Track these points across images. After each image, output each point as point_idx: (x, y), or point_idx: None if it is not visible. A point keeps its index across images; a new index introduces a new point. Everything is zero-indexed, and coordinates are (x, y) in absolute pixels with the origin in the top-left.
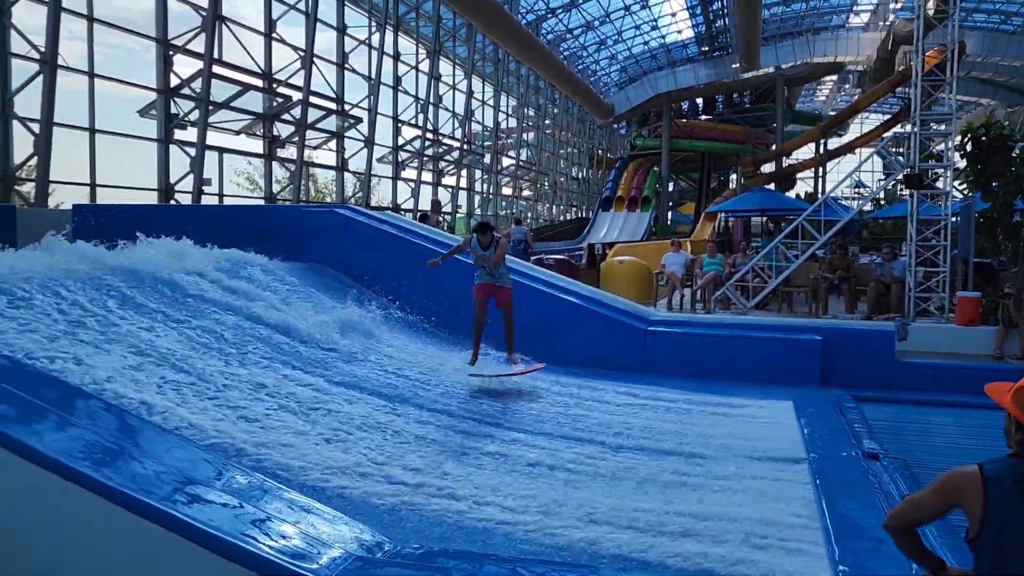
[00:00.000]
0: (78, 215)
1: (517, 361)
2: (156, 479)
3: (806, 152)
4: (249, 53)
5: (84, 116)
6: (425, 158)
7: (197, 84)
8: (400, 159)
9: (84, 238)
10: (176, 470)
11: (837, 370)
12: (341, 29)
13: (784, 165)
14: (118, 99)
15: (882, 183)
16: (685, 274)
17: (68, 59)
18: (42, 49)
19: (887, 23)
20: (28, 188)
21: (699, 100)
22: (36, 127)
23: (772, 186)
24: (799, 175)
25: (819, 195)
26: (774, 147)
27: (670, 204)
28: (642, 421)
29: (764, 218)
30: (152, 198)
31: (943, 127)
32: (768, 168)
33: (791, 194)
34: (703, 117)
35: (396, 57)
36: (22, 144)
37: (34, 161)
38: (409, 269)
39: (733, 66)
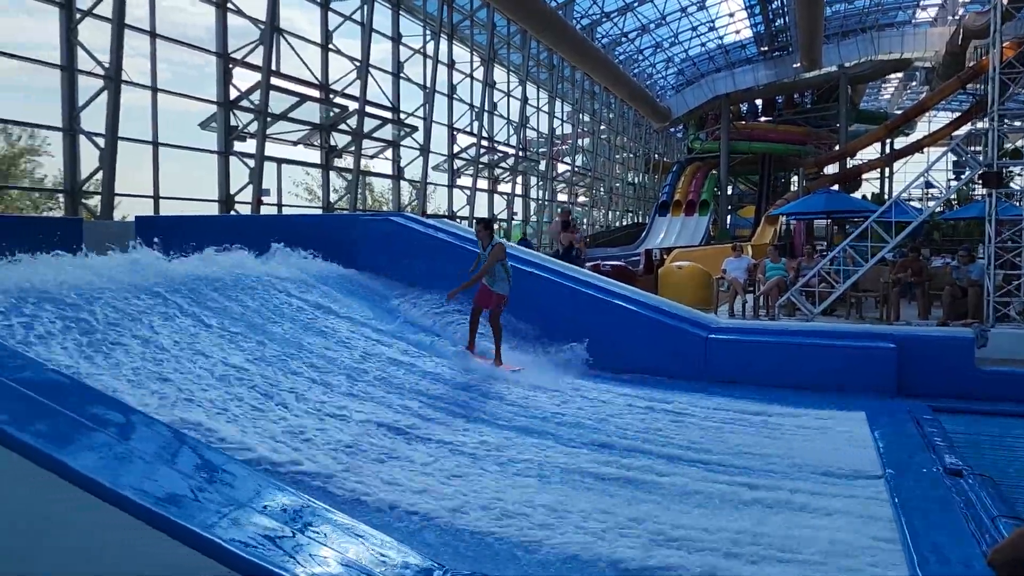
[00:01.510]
0: (141, 227)
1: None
2: (192, 495)
3: (871, 152)
4: (306, 64)
5: (147, 130)
6: (480, 165)
7: (256, 96)
8: (455, 167)
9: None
10: (214, 488)
11: (912, 379)
12: (396, 39)
13: (848, 166)
14: (180, 113)
15: (956, 183)
16: (747, 279)
17: (132, 75)
18: (107, 65)
19: (956, 17)
20: (94, 201)
21: (758, 101)
22: (102, 142)
23: (836, 188)
24: (864, 176)
25: (886, 196)
26: (837, 148)
27: (729, 208)
28: (703, 433)
29: (828, 221)
30: (213, 209)
31: (1019, 123)
32: (831, 169)
33: (856, 195)
34: (763, 119)
35: (451, 65)
36: (88, 158)
37: (100, 175)
38: (464, 276)
39: (794, 66)
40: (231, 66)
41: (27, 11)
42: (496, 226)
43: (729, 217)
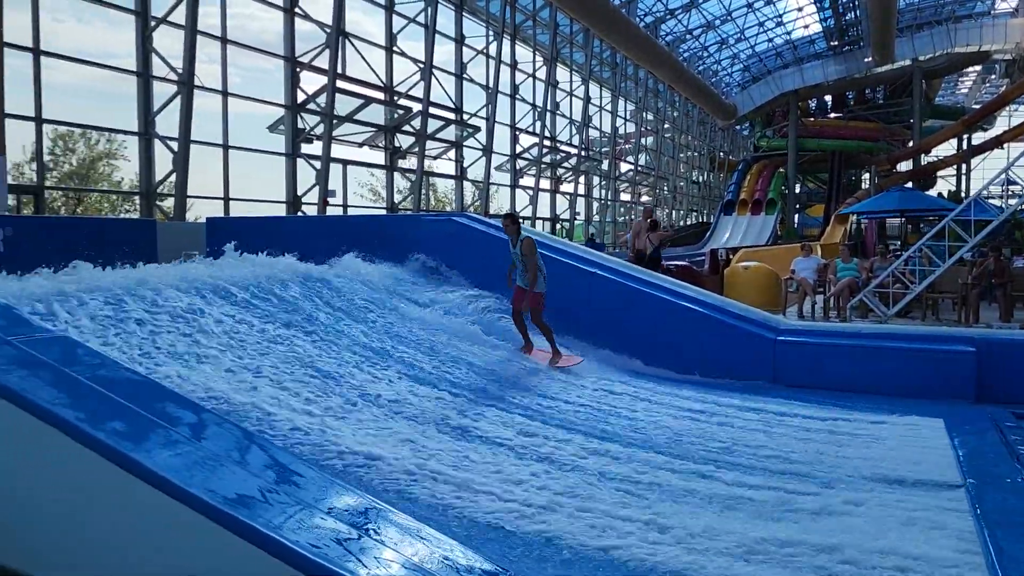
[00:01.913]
0: (212, 227)
1: (557, 360)
2: (260, 495)
3: (947, 148)
4: (371, 67)
5: (218, 133)
6: (543, 165)
7: (322, 99)
8: (518, 167)
9: (217, 249)
10: (281, 488)
11: (993, 385)
12: (459, 40)
13: (923, 163)
14: (249, 116)
15: None
16: (817, 280)
17: (204, 80)
18: (180, 71)
19: None
20: (168, 203)
21: (827, 97)
22: (175, 145)
23: (910, 185)
24: (940, 173)
25: (963, 194)
26: (911, 144)
27: (796, 206)
28: (772, 439)
29: (902, 219)
30: (280, 210)
31: None
32: (905, 166)
33: (931, 193)
34: (832, 115)
35: (513, 66)
36: (162, 161)
37: (173, 177)
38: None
39: (865, 60)
40: (298, 70)
41: (106, 20)
42: (558, 226)
43: (797, 216)
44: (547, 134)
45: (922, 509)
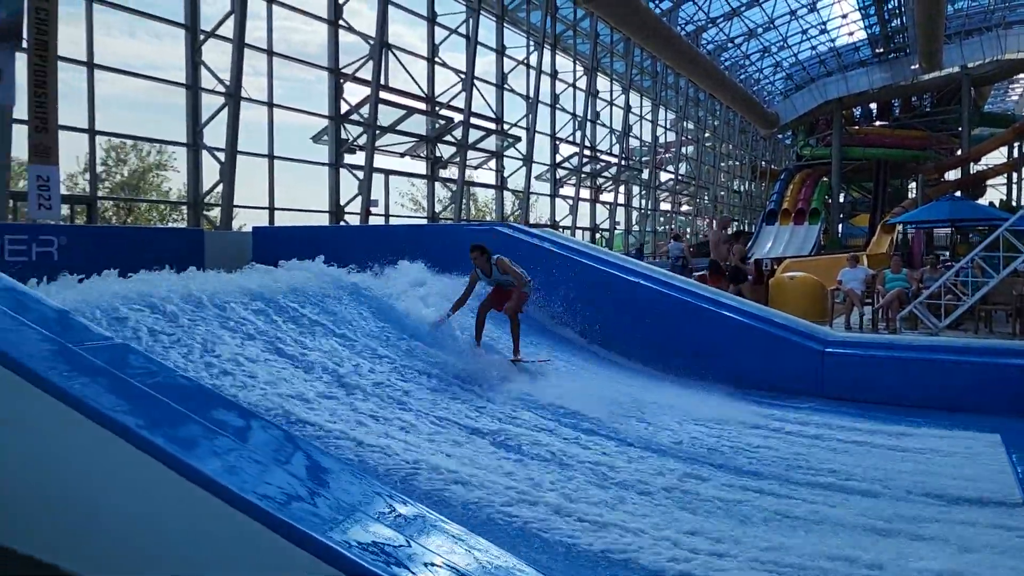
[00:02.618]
0: (257, 237)
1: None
2: (316, 507)
3: (996, 157)
4: (413, 78)
5: (263, 144)
6: (583, 175)
7: (365, 109)
8: (558, 176)
9: (262, 258)
10: (328, 492)
11: None
12: (500, 51)
13: (972, 171)
14: (293, 127)
15: None
16: (865, 291)
17: (250, 92)
18: (227, 83)
19: None
20: (215, 213)
21: (873, 105)
22: (222, 156)
23: (959, 194)
24: (989, 182)
25: (1014, 203)
26: (960, 152)
27: (841, 216)
28: (820, 453)
29: (951, 229)
30: (324, 219)
31: None
32: (953, 175)
33: (982, 202)
34: (877, 123)
35: (554, 75)
36: (209, 172)
37: (220, 187)
38: (567, 284)
39: (912, 67)
40: (342, 81)
41: (153, 34)
42: (598, 235)
43: (841, 226)
44: (587, 143)
45: (983, 526)
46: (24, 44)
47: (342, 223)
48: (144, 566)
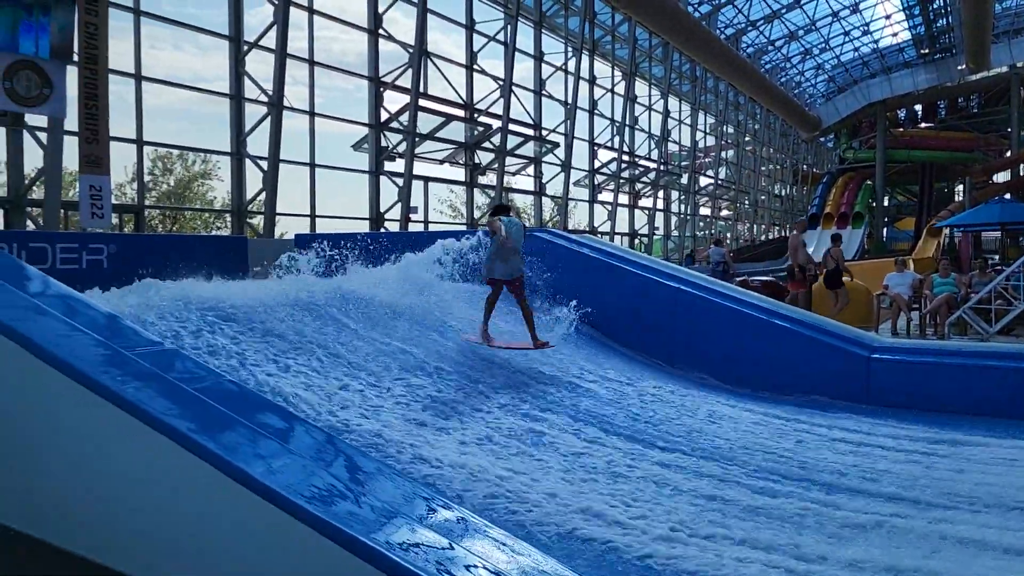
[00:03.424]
0: (301, 243)
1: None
2: (360, 508)
3: None
4: (452, 85)
5: (305, 152)
6: (621, 180)
7: (404, 117)
8: (596, 182)
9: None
10: (379, 499)
11: None
12: (538, 57)
13: (1022, 173)
14: (334, 136)
15: None
16: (912, 296)
17: (292, 101)
18: (270, 93)
19: None
20: (257, 220)
21: (918, 107)
22: (264, 164)
23: (1008, 196)
24: None
25: None
26: (1009, 154)
27: (885, 220)
28: (871, 462)
29: (1001, 233)
30: (364, 226)
31: None
32: (1002, 177)
33: None
34: (923, 125)
35: (592, 81)
36: (252, 180)
37: (263, 195)
38: (607, 290)
39: (958, 68)
40: (382, 89)
41: (198, 47)
42: (636, 241)
43: (885, 230)
44: (626, 149)
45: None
46: (75, 58)
47: (382, 230)
48: (192, 565)
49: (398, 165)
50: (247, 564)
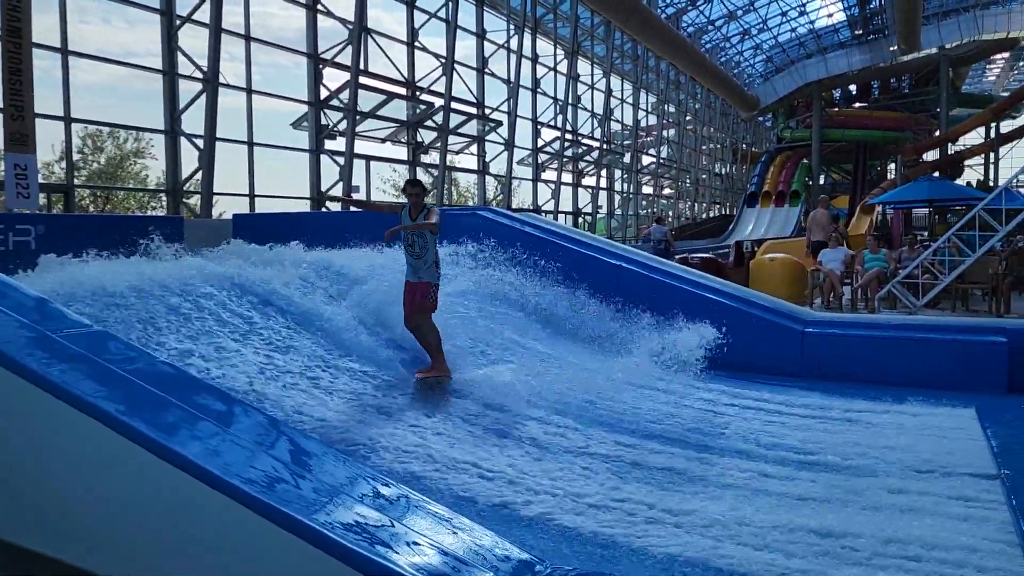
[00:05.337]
0: (239, 224)
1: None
2: (300, 490)
3: (974, 138)
4: (393, 63)
5: (243, 131)
6: (564, 159)
7: (345, 95)
8: (540, 161)
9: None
10: (322, 480)
11: None
12: (481, 35)
13: (950, 152)
14: (272, 114)
15: None
16: (844, 271)
17: (228, 78)
18: (205, 69)
19: None
20: (194, 200)
21: (852, 87)
22: (200, 143)
23: (936, 175)
24: (967, 162)
25: (991, 183)
26: (938, 133)
27: (821, 197)
28: (802, 432)
29: (929, 209)
30: (305, 206)
31: None
32: (932, 156)
33: (960, 183)
34: (857, 105)
35: (534, 59)
36: (188, 159)
37: (199, 175)
38: (549, 266)
39: (891, 49)
40: (321, 66)
41: (127, 20)
42: (579, 219)
43: None
44: (568, 128)
45: (957, 499)
46: None
47: (323, 209)
48: (125, 550)
49: (339, 144)
50: (185, 547)
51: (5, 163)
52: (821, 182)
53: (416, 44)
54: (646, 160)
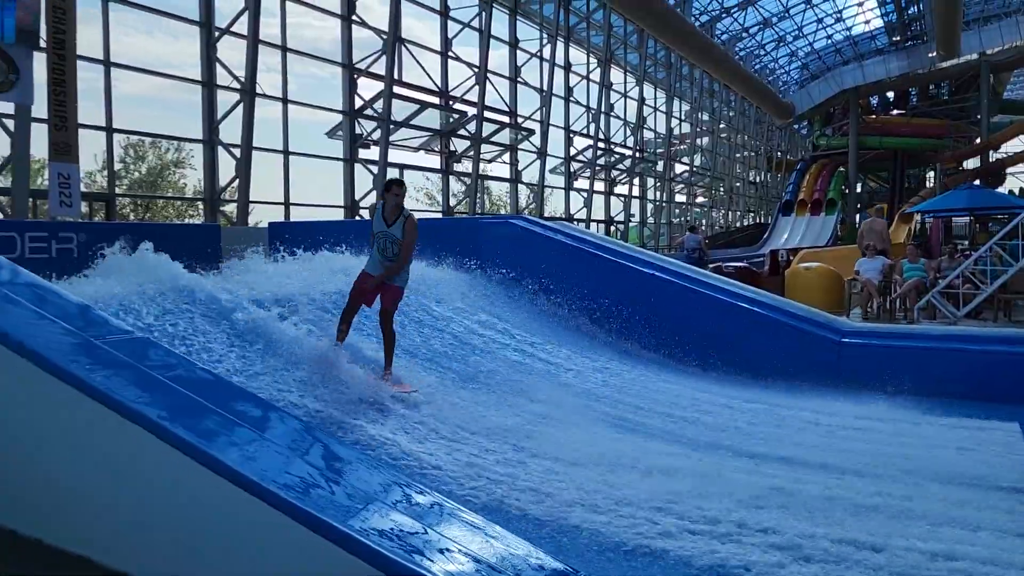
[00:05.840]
0: (274, 232)
1: (389, 380)
2: (335, 496)
3: (1016, 145)
4: (427, 72)
5: (279, 140)
6: (597, 167)
7: (379, 104)
8: (572, 169)
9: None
10: (356, 487)
11: None
12: (513, 44)
13: (991, 160)
14: (307, 123)
15: None
16: (882, 281)
17: (264, 88)
18: (243, 80)
19: None
20: (231, 208)
21: (890, 94)
22: (237, 152)
23: (977, 183)
24: (1009, 170)
25: None
26: (979, 141)
27: (858, 206)
28: (842, 442)
29: (970, 218)
30: (339, 214)
31: None
32: (972, 164)
33: (1001, 191)
34: (895, 112)
35: (567, 68)
36: (225, 168)
37: (236, 183)
38: (582, 275)
39: (929, 55)
40: (356, 76)
41: (169, 33)
42: (613, 228)
43: (858, 216)
44: (601, 136)
45: (1005, 511)
46: (42, 43)
47: (357, 218)
48: (164, 553)
49: (373, 153)
50: (223, 551)
51: (49, 172)
52: (858, 190)
53: (449, 54)
54: (679, 168)
